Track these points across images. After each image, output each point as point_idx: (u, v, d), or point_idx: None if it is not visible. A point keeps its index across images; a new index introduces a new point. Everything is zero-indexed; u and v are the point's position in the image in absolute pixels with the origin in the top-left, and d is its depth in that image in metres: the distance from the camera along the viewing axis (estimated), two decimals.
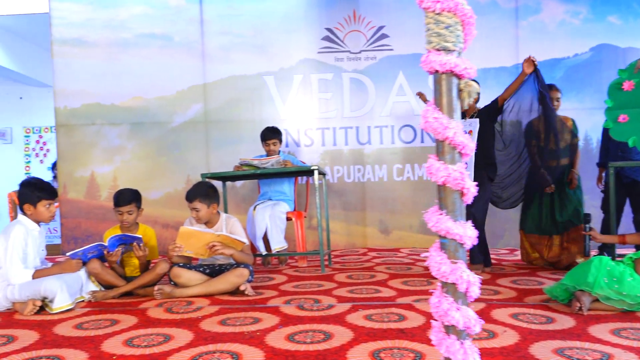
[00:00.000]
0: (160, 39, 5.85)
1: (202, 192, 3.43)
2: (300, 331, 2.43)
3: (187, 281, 3.28)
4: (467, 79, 1.10)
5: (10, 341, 2.40)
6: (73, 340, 2.39)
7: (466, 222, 1.07)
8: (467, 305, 1.08)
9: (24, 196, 3.10)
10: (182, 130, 5.86)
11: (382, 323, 2.53)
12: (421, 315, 2.66)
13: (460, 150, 1.07)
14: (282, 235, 4.49)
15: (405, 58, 5.75)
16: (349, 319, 2.62)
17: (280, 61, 5.82)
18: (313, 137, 5.83)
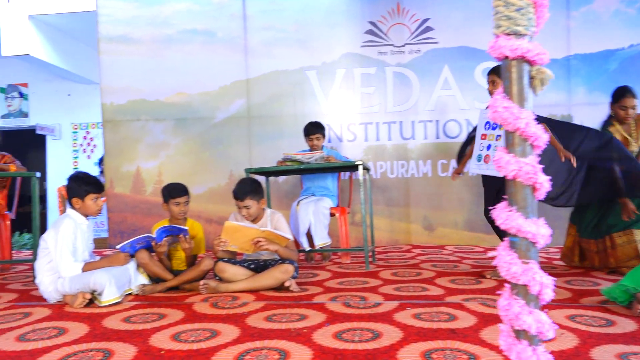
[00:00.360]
0: (203, 35, 5.87)
1: (252, 189, 3.42)
2: (347, 329, 2.37)
3: (232, 276, 3.27)
4: (539, 65, 1.02)
5: (62, 333, 2.43)
6: (122, 333, 2.40)
7: (539, 219, 0.99)
8: (539, 309, 1.01)
9: (72, 190, 3.15)
10: (225, 125, 5.88)
11: (432, 322, 2.45)
12: (472, 315, 2.57)
13: (532, 142, 0.99)
14: (325, 231, 4.45)
15: (450, 51, 5.62)
16: (397, 318, 2.55)
17: (322, 56, 5.76)
18: (356, 132, 5.76)
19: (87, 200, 3.14)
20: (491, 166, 3.43)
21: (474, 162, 3.60)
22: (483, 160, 3.51)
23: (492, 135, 3.48)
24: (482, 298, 2.94)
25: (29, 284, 3.81)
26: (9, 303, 3.13)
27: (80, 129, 9.04)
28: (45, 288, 3.05)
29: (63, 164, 9.00)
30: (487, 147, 3.51)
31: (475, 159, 3.59)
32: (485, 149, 3.52)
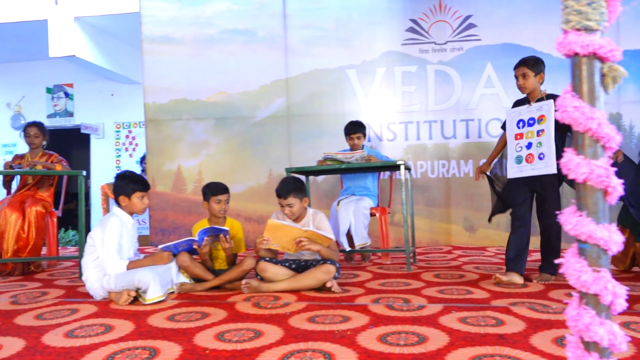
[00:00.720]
0: (243, 34, 5.90)
1: (295, 187, 3.40)
2: (392, 332, 2.33)
3: (274, 276, 3.26)
4: (611, 62, 0.96)
5: (108, 330, 2.46)
6: (167, 332, 2.42)
7: (610, 225, 0.94)
8: (610, 319, 0.95)
9: (119, 188, 3.19)
10: (265, 124, 5.90)
11: (479, 327, 2.38)
12: (520, 320, 2.49)
13: (604, 144, 0.94)
14: (365, 231, 4.41)
15: (493, 48, 5.50)
16: (443, 321, 2.49)
17: (363, 54, 5.72)
18: (396, 131, 5.69)
19: (134, 199, 3.18)
20: (537, 165, 3.21)
21: (513, 166, 3.35)
22: (525, 161, 3.27)
23: (531, 132, 3.26)
24: (530, 302, 2.85)
25: (75, 280, 3.89)
26: (57, 299, 3.20)
27: (123, 128, 9.21)
28: (92, 285, 3.10)
29: (106, 162, 9.19)
30: (527, 145, 3.27)
31: (514, 161, 3.34)
32: (525, 148, 3.28)
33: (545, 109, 3.23)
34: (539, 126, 3.21)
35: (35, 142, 4.54)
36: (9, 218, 4.19)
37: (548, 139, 3.16)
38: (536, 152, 3.21)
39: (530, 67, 3.39)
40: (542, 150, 3.17)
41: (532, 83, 3.39)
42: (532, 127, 3.24)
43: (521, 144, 3.29)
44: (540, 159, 3.17)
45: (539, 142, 3.21)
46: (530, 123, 3.26)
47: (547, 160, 3.15)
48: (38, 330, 2.50)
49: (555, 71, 5.34)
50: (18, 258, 4.13)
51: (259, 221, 5.85)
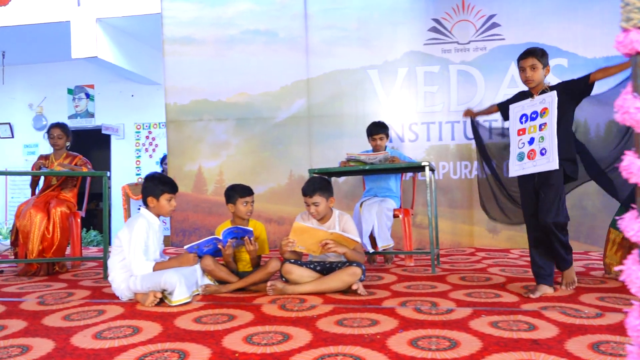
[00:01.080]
0: (265, 35, 5.89)
1: (321, 186, 3.38)
2: (422, 336, 2.30)
3: (299, 278, 3.24)
4: None
5: (136, 332, 2.45)
6: (194, 334, 2.40)
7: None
8: None
9: (147, 189, 3.19)
10: (285, 125, 5.88)
11: (512, 332, 2.34)
12: (553, 325, 2.44)
13: None
14: (388, 233, 4.37)
15: (518, 48, 5.34)
16: (473, 326, 2.45)
17: (384, 54, 5.68)
18: (417, 131, 5.65)
19: (162, 200, 3.18)
20: (539, 161, 2.98)
21: (514, 164, 3.14)
22: (527, 158, 3.05)
23: (534, 126, 3.03)
24: (561, 307, 2.80)
25: (100, 281, 3.91)
26: (83, 300, 3.21)
27: (143, 129, 9.27)
28: (118, 285, 3.10)
29: (126, 163, 9.25)
30: (530, 141, 3.05)
31: (516, 158, 3.13)
32: (527, 144, 3.06)
33: (548, 101, 3.00)
34: (541, 119, 3.00)
35: (59, 144, 4.57)
36: (34, 218, 4.22)
37: (550, 132, 2.95)
38: (538, 147, 3.00)
39: (540, 58, 3.10)
40: (544, 145, 2.97)
41: (540, 75, 3.12)
42: (535, 121, 3.04)
43: (523, 139, 3.10)
44: (542, 155, 2.98)
45: (541, 137, 2.99)
46: (532, 117, 3.06)
47: (549, 155, 2.95)
48: (66, 331, 2.51)
49: (581, 71, 5.26)
50: (43, 258, 4.16)
51: (279, 222, 5.83)
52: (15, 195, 9.42)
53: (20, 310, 2.97)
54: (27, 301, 3.20)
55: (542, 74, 3.14)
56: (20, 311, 2.94)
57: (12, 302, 3.15)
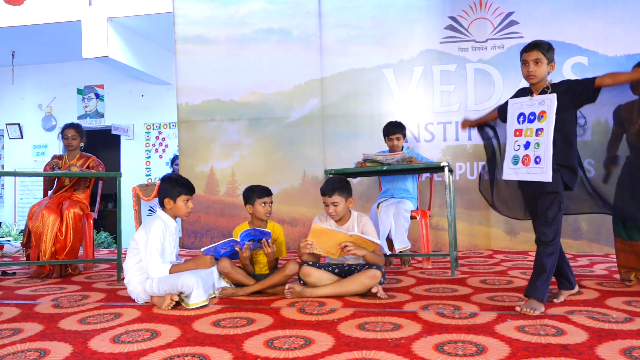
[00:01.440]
0: (278, 33, 5.88)
1: (340, 185, 3.36)
2: (448, 341, 2.27)
3: (317, 280, 3.22)
4: None
5: (155, 336, 2.44)
6: (214, 338, 2.39)
7: None
8: None
9: (164, 191, 3.18)
10: (299, 125, 5.86)
11: (540, 337, 2.30)
12: (582, 330, 2.40)
13: None
14: (405, 235, 4.34)
15: None
16: (500, 330, 2.42)
17: (400, 53, 5.65)
18: (433, 131, 5.61)
19: (179, 202, 3.17)
20: (533, 169, 2.78)
21: (509, 166, 2.91)
22: (521, 163, 2.82)
23: (530, 129, 2.79)
24: (588, 311, 2.76)
25: (114, 283, 3.90)
26: (98, 303, 3.20)
27: (153, 129, 9.28)
28: (134, 288, 3.09)
29: (136, 163, 9.27)
30: (525, 145, 2.81)
31: (510, 161, 2.90)
32: (523, 148, 2.82)
33: (547, 104, 2.76)
34: (538, 124, 2.77)
35: (73, 144, 4.57)
36: (47, 220, 4.22)
37: (546, 140, 2.73)
38: (533, 154, 2.79)
39: (545, 52, 2.85)
40: (539, 153, 2.76)
41: (543, 71, 2.86)
42: (532, 123, 2.80)
43: (520, 142, 2.85)
44: (537, 163, 2.77)
45: (537, 143, 2.77)
46: (530, 119, 2.82)
47: (543, 165, 2.73)
48: (83, 335, 2.50)
49: (602, 70, 5.20)
50: (57, 260, 4.16)
51: (292, 223, 5.81)
52: (25, 196, 9.47)
53: (35, 313, 2.97)
54: (42, 304, 3.20)
55: (545, 70, 2.88)
56: (35, 314, 2.94)
57: (27, 305, 3.15)
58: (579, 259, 4.71)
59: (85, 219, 4.52)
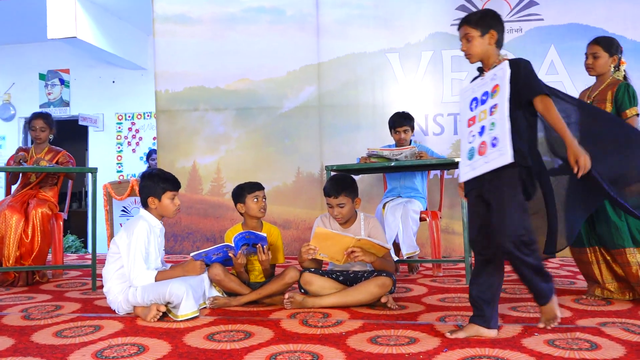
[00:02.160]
0: (270, 13, 5.88)
1: (347, 185, 3.35)
2: (472, 356, 2.28)
3: (320, 289, 3.22)
4: None
5: (142, 351, 2.43)
6: (209, 353, 2.38)
7: None
8: None
9: (147, 189, 3.17)
10: (293, 116, 5.87)
11: (572, 351, 2.32)
12: (617, 344, 2.43)
13: None
14: (414, 239, 4.36)
15: (558, 29, 5.43)
16: (527, 344, 2.44)
17: (406, 36, 5.68)
18: (443, 124, 5.64)
19: (164, 200, 3.16)
20: (491, 155, 2.48)
21: (465, 164, 2.65)
22: (477, 153, 2.56)
23: (484, 111, 2.56)
24: (622, 322, 2.79)
25: (89, 292, 3.89)
26: (74, 314, 3.18)
27: (125, 120, 9.22)
28: (114, 297, 3.08)
29: (106, 158, 9.18)
30: (480, 131, 2.56)
31: (466, 157, 2.63)
32: (478, 136, 2.57)
33: (500, 75, 2.54)
34: (492, 100, 2.54)
35: (42, 137, 4.54)
36: (10, 221, 4.19)
37: (501, 115, 2.47)
38: (489, 137, 2.51)
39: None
40: (495, 134, 2.48)
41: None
42: (485, 104, 2.57)
43: (474, 130, 2.61)
44: (494, 146, 2.48)
45: (492, 123, 2.50)
46: (483, 100, 2.59)
47: (502, 145, 2.44)
48: (62, 349, 2.48)
49: (629, 56, 5.25)
50: (25, 267, 4.13)
51: (285, 226, 5.81)
52: None
53: (4, 325, 2.94)
54: (10, 315, 3.17)
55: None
56: (3, 326, 2.92)
57: None
58: None
59: (55, 219, 4.49)
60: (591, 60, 3.32)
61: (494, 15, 2.76)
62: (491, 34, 2.67)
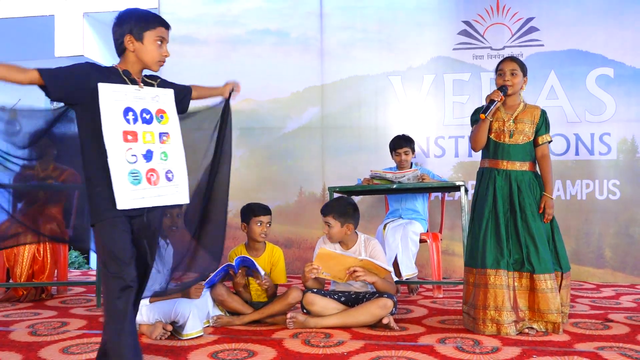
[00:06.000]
0: (274, 35, 5.97)
1: (339, 209, 3.44)
2: None
3: (322, 310, 3.28)
4: None
5: None
6: None
7: None
8: None
9: None
10: (296, 136, 5.94)
11: None
12: None
13: None
14: (413, 260, 4.43)
15: (557, 55, 5.51)
16: None
17: (408, 59, 5.76)
18: (444, 146, 5.71)
19: None
20: (165, 190, 2.27)
21: (128, 188, 2.16)
22: (146, 181, 2.21)
23: (151, 133, 2.26)
24: (619, 347, 2.84)
25: (93, 309, 3.93)
26: (79, 330, 3.24)
27: None
28: None
29: None
30: (147, 155, 2.22)
31: (128, 181, 2.16)
32: (144, 159, 2.21)
33: (165, 102, 2.40)
34: (160, 126, 2.31)
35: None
36: None
37: (177, 148, 2.36)
38: (162, 168, 2.26)
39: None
40: (169, 167, 2.28)
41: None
42: (150, 125, 2.27)
43: (135, 150, 2.20)
44: (169, 180, 2.27)
45: (163, 153, 2.28)
46: (145, 118, 2.27)
47: (179, 182, 2.31)
48: None
49: (628, 82, 5.37)
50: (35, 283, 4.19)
51: (287, 245, 5.85)
52: None
53: (11, 341, 3.00)
54: (17, 330, 3.23)
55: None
56: (11, 342, 2.97)
57: (1, 332, 3.18)
58: (603, 290, 4.80)
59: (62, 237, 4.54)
60: (510, 77, 3.24)
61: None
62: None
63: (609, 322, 3.45)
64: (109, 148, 2.13)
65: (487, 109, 3.22)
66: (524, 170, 3.30)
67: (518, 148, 3.28)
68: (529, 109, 3.35)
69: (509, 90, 3.25)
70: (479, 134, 3.30)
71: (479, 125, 3.28)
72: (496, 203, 3.27)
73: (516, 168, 3.28)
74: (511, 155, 3.27)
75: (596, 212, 5.41)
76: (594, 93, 5.42)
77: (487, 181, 3.33)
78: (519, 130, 3.28)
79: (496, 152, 3.30)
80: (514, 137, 3.27)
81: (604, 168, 5.41)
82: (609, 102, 5.39)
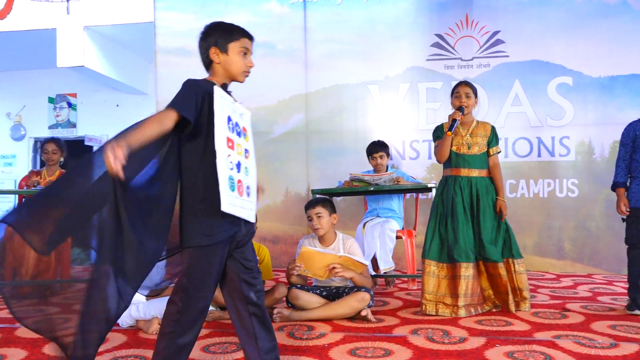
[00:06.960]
0: (262, 47, 5.98)
1: (324, 201, 3.59)
2: None
3: (306, 304, 3.31)
4: None
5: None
6: None
7: None
8: None
9: None
10: (282, 141, 5.96)
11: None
12: (569, 356, 2.54)
13: None
14: (390, 255, 4.47)
15: (522, 65, 5.57)
16: (489, 356, 2.54)
17: (386, 69, 5.80)
18: (418, 149, 5.76)
19: None
20: (247, 202, 2.07)
21: (228, 194, 1.95)
22: (237, 190, 2.01)
23: (240, 145, 2.10)
24: (574, 336, 2.90)
25: None
26: None
27: None
28: None
29: None
30: (238, 165, 2.04)
31: (228, 186, 1.96)
32: (236, 169, 2.03)
33: (247, 121, 2.25)
34: (244, 142, 2.16)
35: (54, 159, 4.60)
36: None
37: (254, 167, 2.20)
38: (245, 181, 2.08)
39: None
40: (249, 183, 2.11)
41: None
42: (240, 138, 2.13)
43: (233, 158, 2.03)
44: (248, 196, 2.09)
45: (246, 168, 2.12)
46: (237, 131, 2.12)
47: (253, 199, 2.14)
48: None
49: (586, 89, 5.44)
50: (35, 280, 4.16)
51: (274, 241, 5.89)
52: None
53: (17, 337, 2.99)
54: (22, 328, 3.21)
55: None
56: (17, 339, 2.97)
57: (7, 329, 3.18)
58: (563, 280, 4.88)
59: None
60: (465, 99, 3.54)
61: None
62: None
63: (566, 311, 3.51)
64: (218, 148, 1.95)
65: (451, 127, 3.46)
66: (482, 177, 3.59)
67: (475, 158, 3.57)
68: (481, 125, 3.67)
69: (465, 111, 3.52)
70: (444, 148, 3.58)
71: (444, 141, 3.57)
72: (463, 204, 3.55)
73: (475, 175, 3.57)
74: (470, 164, 3.57)
75: (557, 209, 5.49)
76: (554, 100, 5.49)
77: (453, 186, 3.58)
78: (475, 143, 3.57)
79: (458, 162, 3.59)
80: (472, 149, 3.56)
81: (564, 168, 5.49)
82: (568, 108, 5.47)
